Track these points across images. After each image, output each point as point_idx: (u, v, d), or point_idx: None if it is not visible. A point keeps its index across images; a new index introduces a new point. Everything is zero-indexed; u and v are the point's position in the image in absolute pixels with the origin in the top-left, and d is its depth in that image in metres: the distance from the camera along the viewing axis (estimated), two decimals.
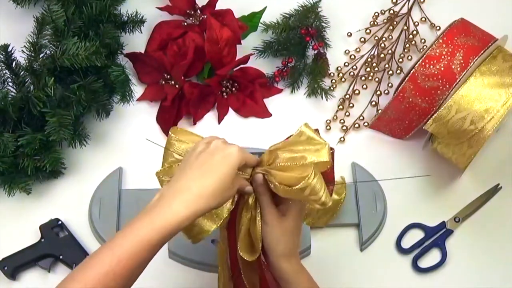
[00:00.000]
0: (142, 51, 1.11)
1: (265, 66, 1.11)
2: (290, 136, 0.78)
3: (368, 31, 1.14)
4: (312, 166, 0.73)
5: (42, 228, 0.97)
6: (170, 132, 0.79)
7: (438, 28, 1.14)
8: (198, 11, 1.11)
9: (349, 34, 1.14)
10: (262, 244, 0.77)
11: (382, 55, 1.10)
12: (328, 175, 0.78)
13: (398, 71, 1.11)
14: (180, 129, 0.81)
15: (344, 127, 1.07)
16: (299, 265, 0.78)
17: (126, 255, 0.65)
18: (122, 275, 0.65)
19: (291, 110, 1.09)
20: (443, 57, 0.96)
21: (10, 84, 0.99)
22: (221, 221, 0.78)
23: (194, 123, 1.07)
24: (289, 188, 0.72)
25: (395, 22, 1.14)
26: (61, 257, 0.95)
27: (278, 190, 0.75)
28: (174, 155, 0.79)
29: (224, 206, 0.77)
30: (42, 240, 0.96)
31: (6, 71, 0.98)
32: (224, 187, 0.70)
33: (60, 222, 0.98)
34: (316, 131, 0.77)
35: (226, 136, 0.84)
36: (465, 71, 0.95)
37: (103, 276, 0.64)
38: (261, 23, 1.11)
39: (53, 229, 0.97)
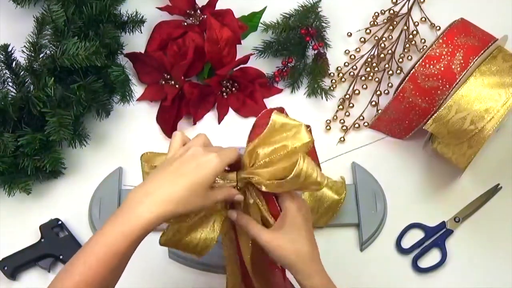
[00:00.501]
0: (142, 51, 1.11)
1: (265, 66, 1.11)
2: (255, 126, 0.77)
3: (368, 31, 1.14)
4: (298, 151, 0.71)
5: (42, 228, 0.97)
6: (142, 160, 0.77)
7: (438, 28, 1.14)
8: (198, 11, 1.11)
9: (349, 34, 1.14)
10: (287, 267, 0.74)
11: (382, 55, 1.10)
12: (310, 154, 0.75)
13: (398, 71, 1.11)
14: (151, 154, 0.78)
15: (344, 127, 1.07)
16: (324, 279, 0.74)
17: (96, 262, 0.64)
18: (95, 283, 0.64)
19: (291, 110, 1.08)
20: (443, 57, 0.96)
21: (10, 84, 0.98)
22: (219, 229, 0.76)
23: (194, 123, 1.07)
24: (282, 180, 0.71)
25: (395, 22, 1.14)
26: (61, 257, 0.95)
27: (271, 188, 0.73)
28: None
29: (216, 216, 0.76)
30: (42, 240, 0.96)
31: (6, 71, 0.98)
32: (195, 195, 0.68)
33: (60, 222, 0.98)
34: (286, 114, 0.77)
35: (226, 136, 0.85)
36: (465, 71, 0.95)
37: (77, 284, 0.64)
38: (261, 23, 1.11)
39: (53, 229, 0.97)
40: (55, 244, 0.96)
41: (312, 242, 0.74)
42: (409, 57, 1.12)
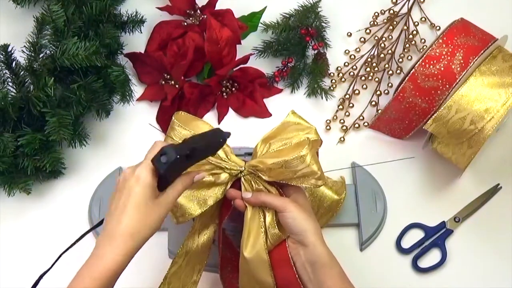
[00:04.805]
0: (142, 51, 1.11)
1: (265, 66, 1.11)
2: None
3: (368, 31, 1.15)
4: (308, 140, 0.78)
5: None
6: (173, 117, 0.82)
7: (438, 28, 1.14)
8: (198, 11, 1.11)
9: (349, 34, 1.14)
10: (293, 231, 0.78)
11: (382, 55, 1.10)
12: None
13: (398, 71, 1.11)
14: (184, 115, 0.83)
15: (344, 127, 1.07)
16: (330, 250, 0.79)
17: None
18: None
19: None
20: (443, 57, 0.96)
21: (10, 84, 0.99)
22: (207, 208, 0.80)
23: None
24: (284, 159, 0.76)
25: (395, 22, 1.14)
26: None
27: (273, 174, 0.78)
28: (174, 139, 0.82)
29: (212, 194, 0.80)
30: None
31: (6, 71, 0.98)
32: (146, 213, 0.70)
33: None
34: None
35: None
36: (465, 71, 0.95)
37: None
38: (261, 23, 1.11)
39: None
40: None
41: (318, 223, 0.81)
42: (409, 57, 1.12)
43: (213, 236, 0.87)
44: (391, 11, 1.15)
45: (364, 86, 1.09)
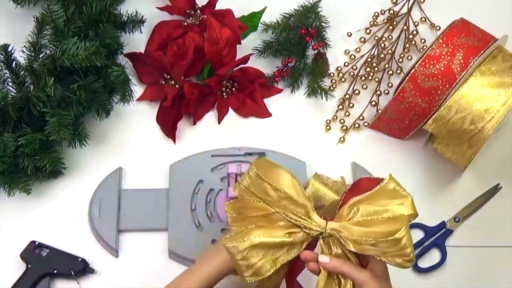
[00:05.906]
0: (142, 51, 1.11)
1: (265, 66, 1.11)
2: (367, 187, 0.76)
3: (368, 31, 1.15)
4: (406, 218, 0.72)
5: (24, 254, 0.94)
6: (252, 164, 0.76)
7: (438, 28, 1.14)
8: (198, 11, 1.11)
9: (349, 34, 1.14)
10: None
11: (382, 55, 1.10)
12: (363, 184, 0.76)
13: (398, 71, 1.11)
14: (264, 161, 0.77)
15: (344, 127, 1.07)
16: None
17: None
18: None
19: (291, 110, 1.09)
20: (443, 57, 0.96)
21: (10, 84, 0.98)
22: (278, 267, 0.75)
23: (194, 123, 1.07)
24: (378, 240, 0.71)
25: (395, 22, 1.14)
26: (55, 271, 0.94)
27: (360, 248, 0.72)
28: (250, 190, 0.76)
29: (286, 253, 0.75)
30: (29, 266, 0.94)
31: (6, 71, 0.98)
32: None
33: (37, 243, 0.95)
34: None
35: (226, 136, 0.84)
36: (465, 71, 0.95)
37: None
38: (261, 23, 1.11)
39: (35, 251, 0.95)
40: (43, 264, 0.94)
41: None
42: (409, 57, 1.12)
43: None
44: (391, 11, 1.15)
45: (364, 86, 1.09)
